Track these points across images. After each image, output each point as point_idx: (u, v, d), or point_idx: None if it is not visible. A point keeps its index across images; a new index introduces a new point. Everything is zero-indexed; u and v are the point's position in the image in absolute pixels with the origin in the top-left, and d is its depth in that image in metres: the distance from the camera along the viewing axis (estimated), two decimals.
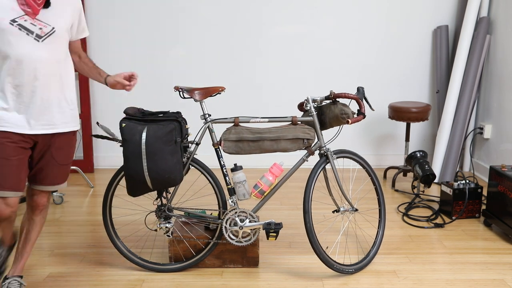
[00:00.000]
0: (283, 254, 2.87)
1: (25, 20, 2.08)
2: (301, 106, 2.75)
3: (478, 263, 2.75)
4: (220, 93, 2.61)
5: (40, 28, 2.11)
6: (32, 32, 2.09)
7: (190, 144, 2.57)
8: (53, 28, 2.15)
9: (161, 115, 2.46)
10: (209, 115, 2.60)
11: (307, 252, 2.86)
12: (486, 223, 3.27)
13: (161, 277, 2.62)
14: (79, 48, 2.43)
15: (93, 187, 4.11)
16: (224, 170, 2.59)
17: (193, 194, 3.74)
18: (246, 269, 2.69)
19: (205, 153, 3.37)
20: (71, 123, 2.31)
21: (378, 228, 2.80)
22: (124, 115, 2.47)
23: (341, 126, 2.66)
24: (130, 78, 2.43)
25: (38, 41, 2.11)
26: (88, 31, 2.42)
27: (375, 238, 2.78)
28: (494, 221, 3.15)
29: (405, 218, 3.41)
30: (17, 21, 2.07)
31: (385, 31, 4.44)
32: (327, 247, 2.92)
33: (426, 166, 3.57)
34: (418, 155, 3.69)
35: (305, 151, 2.61)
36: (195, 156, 2.58)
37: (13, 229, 2.40)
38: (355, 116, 2.58)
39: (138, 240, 3.03)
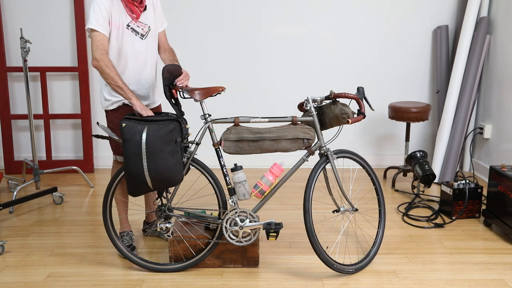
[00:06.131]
0: (283, 254, 2.87)
1: (133, 24, 2.60)
2: (301, 106, 2.75)
3: (478, 263, 2.75)
4: (220, 93, 2.61)
5: (142, 29, 2.64)
6: (138, 33, 2.63)
7: (190, 144, 2.57)
8: (149, 27, 2.67)
9: (162, 114, 2.47)
10: (209, 115, 2.60)
11: (307, 252, 2.86)
12: (486, 223, 3.27)
13: (161, 277, 2.62)
14: (163, 41, 2.83)
15: (93, 187, 4.11)
16: (224, 170, 2.59)
17: (193, 194, 3.75)
18: (246, 269, 2.69)
19: (205, 153, 3.38)
20: (159, 99, 2.91)
21: (378, 228, 2.80)
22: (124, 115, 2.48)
23: (341, 126, 2.66)
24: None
25: (142, 39, 2.65)
26: (166, 22, 2.84)
27: (375, 238, 2.78)
28: (494, 221, 3.15)
29: (405, 218, 3.41)
30: (130, 25, 2.59)
31: (385, 31, 4.44)
32: (327, 247, 2.92)
33: (426, 166, 3.57)
34: (418, 155, 3.69)
35: (305, 151, 2.62)
36: (195, 156, 2.58)
37: None
38: (355, 116, 2.58)
39: (138, 240, 3.03)
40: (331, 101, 2.64)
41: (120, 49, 2.61)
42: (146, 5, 2.64)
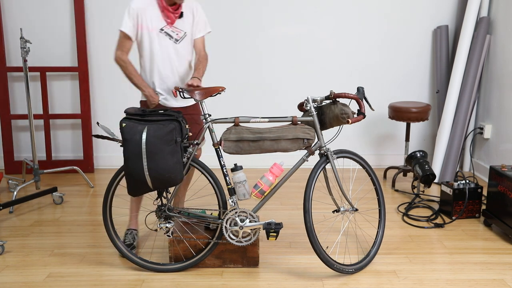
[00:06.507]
0: (283, 254, 2.87)
1: (168, 28, 2.75)
2: (301, 106, 2.75)
3: (478, 263, 2.75)
4: (220, 93, 2.61)
5: (177, 34, 2.77)
6: (172, 37, 2.76)
7: (190, 144, 2.57)
8: (185, 33, 2.80)
9: (162, 111, 2.46)
10: (209, 115, 2.60)
11: (307, 252, 2.86)
12: (486, 223, 3.27)
13: (161, 277, 2.62)
14: (198, 47, 2.90)
15: (93, 187, 4.11)
16: (224, 170, 2.59)
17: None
18: (246, 269, 2.69)
19: (205, 153, 3.37)
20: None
21: (378, 228, 2.80)
22: (124, 115, 2.47)
23: (341, 126, 2.66)
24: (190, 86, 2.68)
25: (176, 43, 2.77)
26: (209, 29, 2.91)
27: (375, 238, 2.78)
28: (494, 221, 3.15)
29: (405, 218, 3.41)
30: (164, 29, 2.74)
31: (385, 31, 4.44)
32: (327, 247, 2.92)
33: (426, 166, 3.57)
34: (418, 155, 3.69)
35: (305, 151, 2.62)
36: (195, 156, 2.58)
37: None
38: (355, 116, 2.58)
39: (138, 240, 3.03)
40: (331, 101, 2.64)
41: (152, 51, 2.75)
42: (182, 12, 2.77)
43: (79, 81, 4.37)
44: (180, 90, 2.58)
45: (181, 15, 2.78)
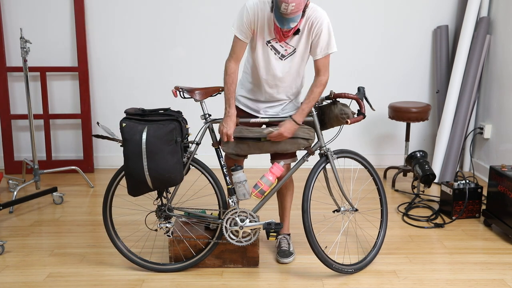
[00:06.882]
0: None
1: (276, 42, 2.47)
2: None
3: (478, 263, 2.75)
4: (220, 93, 2.61)
5: (285, 50, 2.49)
6: (278, 52, 2.49)
7: (190, 144, 2.57)
8: (295, 49, 2.49)
9: (162, 111, 2.46)
10: (209, 115, 2.60)
11: (307, 252, 2.86)
12: (486, 223, 3.27)
13: (161, 277, 2.62)
14: (317, 69, 2.55)
15: (93, 187, 4.11)
16: (224, 170, 2.59)
17: (193, 194, 3.74)
18: (246, 269, 2.69)
19: (205, 153, 3.37)
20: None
21: (379, 229, 2.79)
22: (124, 115, 2.47)
23: (341, 126, 2.66)
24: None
25: (282, 59, 2.51)
26: (332, 49, 2.51)
27: (377, 239, 2.78)
28: (494, 221, 3.15)
29: (405, 218, 3.41)
30: (271, 42, 2.47)
31: (385, 31, 4.44)
32: (325, 247, 2.92)
33: (426, 166, 3.57)
34: (418, 155, 3.69)
35: (305, 151, 2.62)
36: (195, 156, 2.58)
37: None
38: (355, 116, 2.58)
39: (138, 240, 3.03)
40: (331, 101, 2.64)
41: (255, 61, 2.56)
42: (299, 29, 2.42)
43: (79, 81, 4.37)
44: (180, 90, 2.58)
45: (297, 32, 2.42)
